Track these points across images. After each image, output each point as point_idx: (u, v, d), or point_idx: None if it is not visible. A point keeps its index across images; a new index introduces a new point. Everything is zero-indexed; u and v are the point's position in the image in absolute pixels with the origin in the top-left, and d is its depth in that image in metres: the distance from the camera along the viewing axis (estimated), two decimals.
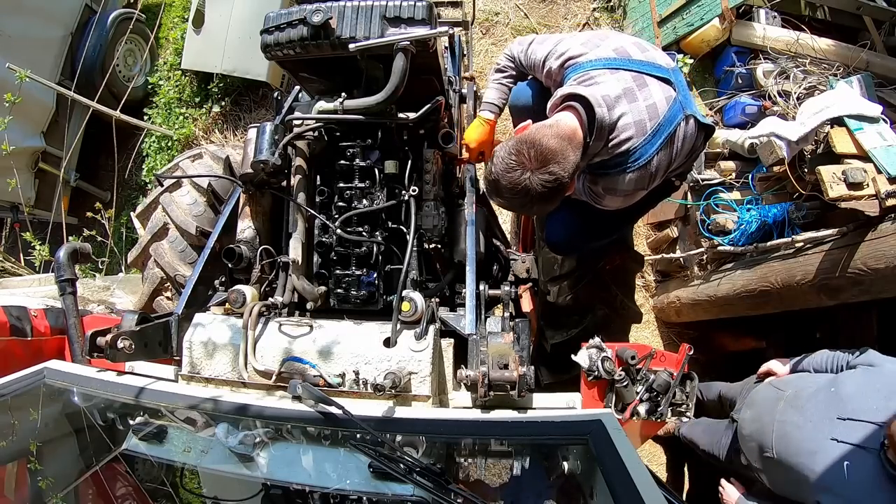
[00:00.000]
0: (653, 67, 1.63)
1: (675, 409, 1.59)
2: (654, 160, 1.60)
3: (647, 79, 1.61)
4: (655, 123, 1.58)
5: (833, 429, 1.75)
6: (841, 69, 3.47)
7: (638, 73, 1.61)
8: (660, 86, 1.61)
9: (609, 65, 1.61)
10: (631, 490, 1.03)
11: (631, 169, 1.60)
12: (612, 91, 1.56)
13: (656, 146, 1.59)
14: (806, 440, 1.81)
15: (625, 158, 1.59)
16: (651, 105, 1.58)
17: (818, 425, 1.80)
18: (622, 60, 1.62)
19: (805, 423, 1.84)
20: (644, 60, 1.64)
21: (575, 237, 1.96)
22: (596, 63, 1.62)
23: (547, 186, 1.44)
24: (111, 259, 3.87)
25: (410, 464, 1.15)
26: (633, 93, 1.58)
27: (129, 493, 1.37)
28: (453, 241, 1.95)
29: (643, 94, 1.58)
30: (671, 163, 1.66)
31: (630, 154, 1.59)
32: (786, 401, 1.99)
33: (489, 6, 4.55)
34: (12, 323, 1.85)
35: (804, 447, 1.80)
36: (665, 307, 3.65)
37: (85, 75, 4.21)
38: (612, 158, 1.61)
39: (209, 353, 1.57)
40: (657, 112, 1.58)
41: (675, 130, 1.61)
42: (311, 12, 1.65)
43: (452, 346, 1.67)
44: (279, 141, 1.74)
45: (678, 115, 1.61)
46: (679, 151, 1.65)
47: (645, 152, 1.59)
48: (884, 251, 2.21)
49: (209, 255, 1.90)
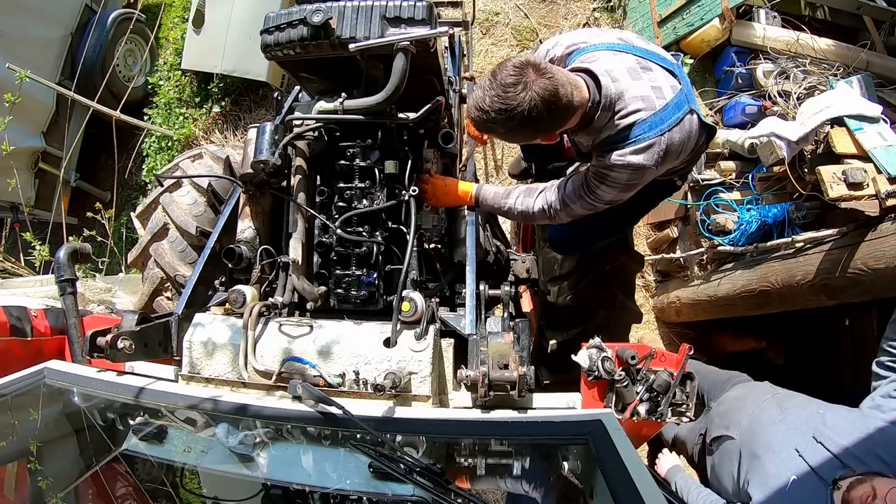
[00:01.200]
0: (657, 57, 1.63)
1: (675, 409, 1.58)
2: (664, 137, 1.53)
3: (651, 64, 1.59)
4: (663, 104, 1.53)
5: (802, 442, 1.73)
6: (841, 69, 3.47)
7: (642, 58, 1.59)
8: (665, 74, 1.60)
9: (612, 48, 1.60)
10: (631, 490, 1.03)
11: (640, 141, 1.53)
12: (616, 67, 1.54)
13: (667, 123, 1.53)
14: (773, 436, 1.80)
15: (632, 131, 1.53)
16: (657, 87, 1.54)
17: (790, 431, 1.78)
18: (626, 45, 1.62)
19: (780, 422, 1.83)
20: (648, 49, 1.64)
21: (576, 236, 1.96)
22: (599, 46, 1.61)
23: (542, 98, 1.39)
24: (111, 259, 3.87)
25: (410, 464, 1.15)
26: (637, 72, 1.55)
27: (129, 493, 1.37)
28: (453, 241, 1.95)
29: (648, 76, 1.56)
30: (680, 152, 1.59)
31: (638, 126, 1.52)
32: (774, 395, 1.99)
33: (489, 6, 4.55)
34: (12, 323, 1.84)
35: (769, 441, 1.79)
36: (665, 307, 3.65)
37: (85, 75, 4.20)
38: (621, 132, 1.55)
39: (209, 353, 1.56)
40: (663, 95, 1.54)
41: (683, 118, 1.56)
42: (311, 12, 1.65)
43: (452, 346, 1.67)
44: (279, 141, 1.74)
45: (684, 105, 1.57)
46: (685, 142, 1.59)
47: (655, 125, 1.52)
48: (884, 251, 2.21)
49: (209, 255, 1.90)
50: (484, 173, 4.03)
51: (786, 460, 1.72)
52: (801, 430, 1.78)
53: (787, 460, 1.72)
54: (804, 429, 1.78)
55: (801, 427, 1.79)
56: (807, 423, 1.80)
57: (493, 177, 4.13)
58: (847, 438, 1.70)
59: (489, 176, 4.10)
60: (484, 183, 1.89)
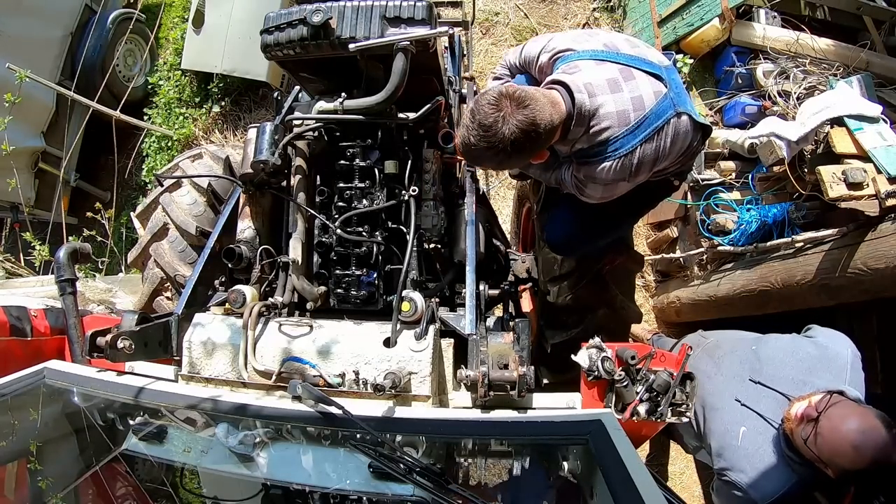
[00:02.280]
0: (642, 62, 1.63)
1: (674, 409, 1.58)
2: (636, 152, 1.57)
3: (634, 72, 1.60)
4: (640, 115, 1.56)
5: (741, 389, 1.69)
6: (841, 69, 3.47)
7: (625, 66, 1.60)
8: (648, 80, 1.60)
9: (595, 56, 1.61)
10: (631, 490, 1.03)
11: (610, 158, 1.58)
12: (595, 80, 1.55)
13: (639, 138, 1.57)
14: (711, 394, 1.76)
15: (604, 147, 1.58)
16: (637, 97, 1.56)
17: (728, 381, 1.74)
18: (610, 53, 1.62)
19: (715, 375, 1.79)
20: (633, 55, 1.64)
21: (575, 237, 1.96)
22: (583, 55, 1.62)
23: (522, 130, 1.42)
24: (111, 259, 3.87)
25: (410, 464, 1.15)
26: (617, 83, 1.57)
27: (129, 493, 1.37)
28: (453, 241, 1.95)
29: (629, 86, 1.57)
30: (658, 158, 1.62)
31: (609, 143, 1.57)
32: (704, 349, 1.94)
33: (489, 6, 4.55)
34: (12, 323, 1.84)
35: (708, 401, 1.75)
36: (665, 307, 3.65)
37: (85, 75, 4.21)
38: (592, 147, 1.60)
39: (209, 352, 1.57)
40: (643, 104, 1.56)
41: (664, 126, 1.58)
42: (311, 12, 1.65)
43: (452, 346, 1.67)
44: (279, 141, 1.74)
45: (668, 110, 1.59)
46: (667, 148, 1.62)
47: (626, 143, 1.56)
48: (884, 251, 2.21)
49: (209, 255, 1.90)
50: (484, 174, 4.03)
51: (731, 413, 1.68)
52: (738, 376, 1.74)
53: (731, 413, 1.68)
54: (740, 373, 1.74)
55: (736, 373, 1.75)
56: (741, 367, 1.76)
57: (493, 177, 4.14)
58: (784, 368, 1.67)
59: (489, 175, 4.11)
60: None
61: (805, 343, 1.75)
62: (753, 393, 1.67)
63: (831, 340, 1.74)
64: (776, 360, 1.70)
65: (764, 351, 1.75)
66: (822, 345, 1.72)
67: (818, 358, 1.68)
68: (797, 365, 1.67)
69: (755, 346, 1.79)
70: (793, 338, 1.79)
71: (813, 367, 1.66)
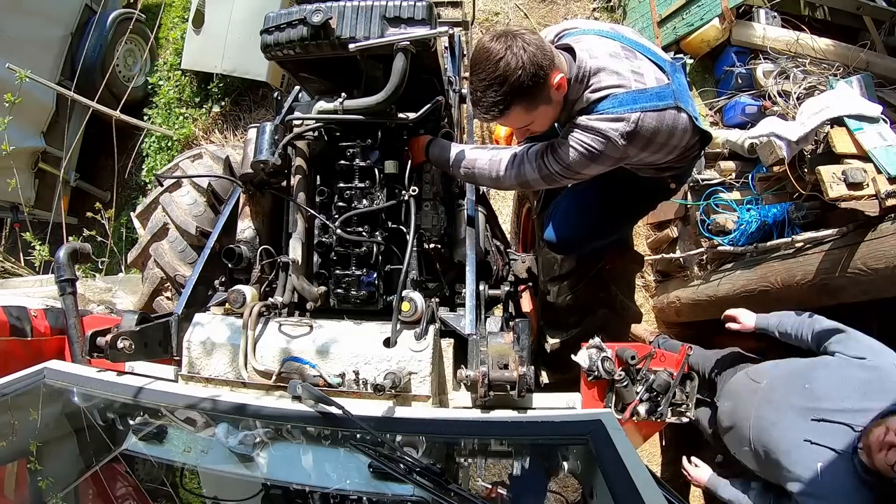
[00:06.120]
0: (647, 50, 1.61)
1: (674, 409, 1.59)
2: (635, 115, 1.49)
3: (638, 55, 1.58)
4: (641, 87, 1.51)
5: (807, 430, 1.77)
6: (841, 69, 3.47)
7: (630, 49, 1.59)
8: (651, 66, 1.57)
9: (600, 33, 1.61)
10: (631, 490, 1.03)
11: (609, 112, 1.50)
12: (598, 48, 1.54)
13: (640, 104, 1.50)
14: (781, 440, 1.83)
15: (602, 104, 1.51)
16: (638, 73, 1.53)
17: (792, 425, 1.81)
18: (615, 34, 1.61)
19: (779, 420, 1.86)
20: (638, 41, 1.63)
21: (574, 237, 1.96)
22: (587, 31, 1.62)
23: (526, 62, 1.39)
24: (111, 259, 3.88)
25: (410, 464, 1.15)
26: (619, 56, 1.55)
27: (129, 493, 1.36)
28: (453, 241, 1.95)
29: (632, 63, 1.55)
30: (653, 140, 1.54)
31: (609, 99, 1.50)
32: (761, 395, 1.99)
33: (489, 6, 4.55)
34: (12, 323, 1.84)
35: (780, 447, 1.83)
36: (665, 307, 3.65)
37: (85, 75, 4.21)
38: (589, 105, 1.53)
39: (209, 352, 1.57)
40: (643, 81, 1.52)
41: (665, 110, 1.52)
42: (311, 12, 1.65)
43: (452, 346, 1.67)
44: (279, 141, 1.74)
45: (668, 98, 1.53)
46: (664, 134, 1.54)
47: (626, 101, 1.49)
48: (884, 251, 2.21)
49: (209, 255, 1.90)
50: None
51: (804, 456, 1.75)
52: (801, 419, 1.80)
53: (804, 455, 1.75)
54: (803, 414, 1.80)
55: (798, 417, 1.81)
56: (801, 409, 1.82)
57: None
58: (842, 401, 1.74)
59: None
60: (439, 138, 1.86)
61: (854, 369, 1.81)
62: (820, 430, 1.75)
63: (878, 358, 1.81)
64: (831, 395, 1.78)
65: (818, 388, 1.82)
66: (870, 367, 1.79)
67: (869, 381, 1.75)
68: (852, 395, 1.74)
69: (808, 385, 1.85)
70: (839, 365, 1.85)
71: (868, 392, 1.73)
